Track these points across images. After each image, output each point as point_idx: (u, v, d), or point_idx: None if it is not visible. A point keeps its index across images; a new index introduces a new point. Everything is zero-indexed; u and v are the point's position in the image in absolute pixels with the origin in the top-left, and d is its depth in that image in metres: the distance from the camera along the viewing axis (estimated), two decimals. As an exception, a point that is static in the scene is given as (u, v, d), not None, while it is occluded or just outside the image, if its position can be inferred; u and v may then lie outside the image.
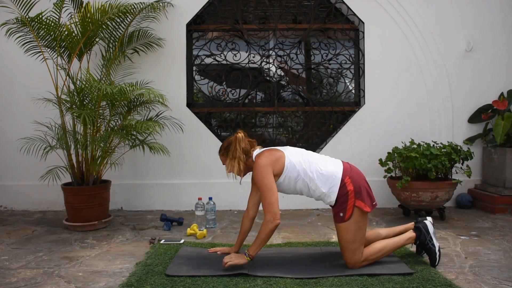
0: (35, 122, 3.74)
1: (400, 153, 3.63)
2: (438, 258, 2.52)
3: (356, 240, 2.42)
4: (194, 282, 2.28)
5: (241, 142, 2.51)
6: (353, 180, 2.45)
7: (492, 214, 3.83)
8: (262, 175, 2.38)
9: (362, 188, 2.45)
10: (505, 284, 2.28)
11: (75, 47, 3.50)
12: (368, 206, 2.44)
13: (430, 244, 2.53)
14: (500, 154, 3.97)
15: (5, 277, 2.41)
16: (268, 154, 2.46)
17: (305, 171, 2.44)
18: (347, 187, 2.42)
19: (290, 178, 2.46)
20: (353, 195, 2.42)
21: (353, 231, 2.41)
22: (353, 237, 2.42)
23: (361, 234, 2.44)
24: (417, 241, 2.58)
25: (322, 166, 2.46)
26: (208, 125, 4.29)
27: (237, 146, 2.50)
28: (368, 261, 2.49)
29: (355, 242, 2.42)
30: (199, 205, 3.40)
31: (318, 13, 4.31)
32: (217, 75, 4.34)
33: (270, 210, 2.37)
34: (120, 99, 3.38)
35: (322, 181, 2.44)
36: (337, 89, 4.41)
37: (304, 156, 2.50)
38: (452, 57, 4.20)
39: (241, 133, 2.55)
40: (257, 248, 2.39)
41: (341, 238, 2.46)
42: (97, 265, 2.61)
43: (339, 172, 2.45)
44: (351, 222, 2.41)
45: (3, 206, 4.15)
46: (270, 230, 2.37)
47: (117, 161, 3.75)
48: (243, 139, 2.53)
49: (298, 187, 2.49)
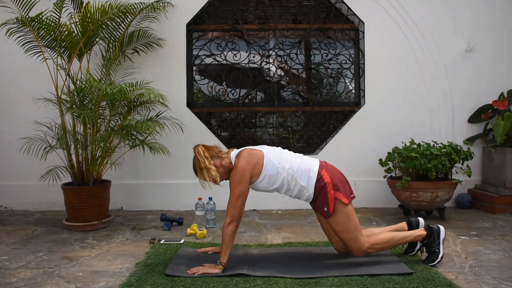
0: (35, 122, 3.74)
1: (400, 153, 3.63)
2: (436, 262, 2.53)
3: (350, 229, 2.48)
4: (194, 282, 2.28)
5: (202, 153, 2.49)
6: (329, 173, 2.50)
7: (492, 214, 3.83)
8: (239, 179, 2.41)
9: (338, 181, 2.50)
10: (505, 284, 2.28)
11: (75, 47, 3.50)
12: (347, 198, 2.49)
13: (436, 248, 2.55)
14: (500, 154, 3.97)
15: (5, 277, 2.41)
16: (248, 155, 2.47)
17: (284, 167, 2.48)
18: (324, 180, 2.47)
19: (270, 177, 2.48)
20: (331, 187, 2.46)
21: (344, 222, 2.47)
22: (346, 227, 2.47)
23: (352, 222, 2.48)
24: (425, 240, 2.58)
25: (299, 161, 2.52)
26: (208, 125, 4.29)
27: (199, 157, 2.49)
28: (374, 249, 2.54)
29: (349, 231, 2.48)
30: (199, 205, 3.40)
31: (318, 13, 4.31)
32: (217, 75, 4.34)
33: (231, 214, 2.40)
34: (120, 99, 3.38)
35: (300, 175, 2.49)
36: (337, 89, 4.41)
37: (282, 153, 2.55)
38: (452, 57, 4.20)
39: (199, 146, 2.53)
40: (225, 254, 2.41)
41: (336, 232, 2.53)
42: (97, 265, 2.61)
43: (316, 165, 2.52)
44: (338, 214, 2.46)
45: (3, 206, 4.15)
46: (231, 232, 2.39)
47: (117, 161, 3.75)
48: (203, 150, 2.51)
49: (277, 184, 2.51)
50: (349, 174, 4.09)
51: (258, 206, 4.15)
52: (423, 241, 2.60)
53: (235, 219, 2.40)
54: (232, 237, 2.41)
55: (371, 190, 4.16)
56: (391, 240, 2.56)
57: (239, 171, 2.42)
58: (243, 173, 2.41)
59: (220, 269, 2.40)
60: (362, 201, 4.16)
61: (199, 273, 2.38)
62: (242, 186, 2.41)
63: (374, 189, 4.16)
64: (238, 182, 2.41)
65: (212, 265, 2.44)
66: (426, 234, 2.58)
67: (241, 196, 2.41)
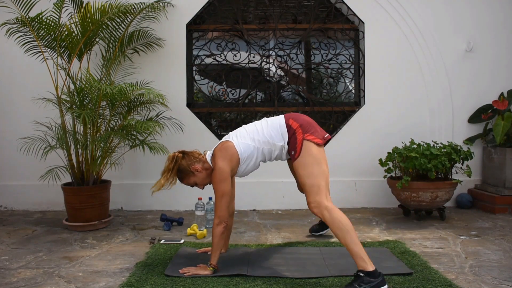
0: (35, 122, 3.74)
1: (400, 153, 3.63)
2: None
3: (315, 174, 2.32)
4: (194, 282, 2.28)
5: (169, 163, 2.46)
6: (296, 119, 2.46)
7: (492, 214, 3.83)
8: (220, 179, 2.39)
9: (307, 124, 2.45)
10: (505, 284, 2.28)
11: (75, 47, 3.50)
12: (319, 139, 2.41)
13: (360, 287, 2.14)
14: (500, 154, 3.97)
15: (5, 277, 2.41)
16: (220, 152, 2.44)
17: (257, 140, 2.46)
18: (293, 127, 2.43)
19: (249, 157, 2.47)
20: (300, 131, 2.41)
21: (309, 165, 2.35)
22: (310, 171, 2.34)
23: (319, 169, 2.34)
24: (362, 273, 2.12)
25: (266, 125, 2.49)
26: (208, 125, 4.29)
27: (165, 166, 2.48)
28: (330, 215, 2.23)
29: (314, 176, 2.32)
30: (199, 205, 3.40)
31: (318, 13, 4.31)
32: (217, 75, 4.34)
33: (218, 214, 2.39)
34: (120, 99, 3.38)
35: (274, 136, 2.46)
36: (337, 89, 4.41)
37: (247, 128, 2.52)
38: (452, 57, 4.20)
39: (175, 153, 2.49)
40: (215, 256, 2.40)
41: (299, 177, 2.40)
42: (97, 265, 2.61)
43: (282, 119, 2.49)
44: (305, 156, 2.36)
45: (3, 206, 4.15)
46: (219, 233, 2.38)
47: (117, 161, 3.75)
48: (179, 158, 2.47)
49: (259, 157, 2.50)
50: (349, 174, 4.17)
51: (258, 206, 4.15)
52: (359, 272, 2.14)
53: (223, 219, 2.38)
54: (222, 238, 2.40)
55: (371, 190, 4.16)
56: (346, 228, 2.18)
57: (217, 171, 2.39)
58: (222, 172, 2.39)
59: (210, 270, 2.39)
60: (362, 201, 4.16)
61: (189, 273, 2.38)
62: (224, 185, 2.39)
63: (374, 189, 4.16)
64: (219, 182, 2.39)
65: (203, 266, 2.44)
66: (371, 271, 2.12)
67: (225, 195, 2.39)
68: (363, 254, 2.15)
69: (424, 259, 2.63)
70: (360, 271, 2.13)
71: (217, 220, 2.38)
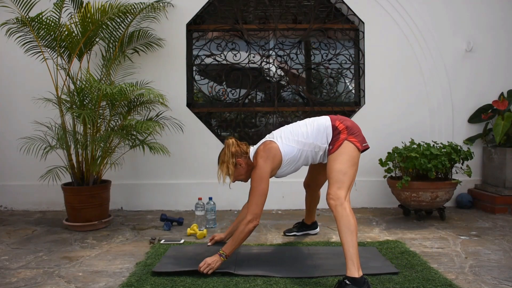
0: (35, 122, 3.74)
1: (400, 153, 3.63)
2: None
3: (343, 171, 2.32)
4: (194, 282, 2.28)
5: (231, 147, 2.53)
6: (343, 121, 2.49)
7: (492, 214, 3.83)
8: (261, 178, 2.42)
9: (353, 127, 2.48)
10: (505, 284, 2.28)
11: (75, 47, 3.50)
12: (360, 144, 2.44)
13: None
14: (500, 154, 3.97)
15: (5, 277, 2.41)
16: (264, 152, 2.48)
17: (301, 142, 2.49)
18: (339, 128, 2.46)
19: (292, 160, 2.51)
20: (346, 132, 2.44)
21: (343, 161, 2.35)
22: (342, 167, 2.33)
23: (350, 169, 2.35)
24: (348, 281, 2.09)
25: (312, 126, 2.51)
26: (208, 125, 4.29)
27: (226, 151, 2.53)
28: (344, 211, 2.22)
29: (342, 172, 2.32)
30: (199, 205, 3.40)
31: (318, 13, 4.31)
32: (217, 75, 4.34)
33: (253, 211, 2.40)
34: (120, 99, 3.38)
35: (320, 139, 2.48)
36: (337, 89, 4.41)
37: (292, 129, 2.54)
38: (452, 57, 4.20)
39: (231, 139, 2.57)
40: (233, 247, 2.42)
41: (328, 169, 2.38)
42: (97, 265, 2.61)
43: (328, 121, 2.50)
44: (341, 151, 2.38)
45: (3, 206, 4.15)
46: (249, 231, 2.41)
47: (117, 161, 3.75)
48: (233, 144, 2.54)
49: (302, 161, 2.54)
50: (349, 174, 4.16)
51: (258, 206, 4.15)
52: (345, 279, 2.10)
53: (256, 217, 2.40)
54: (247, 235, 2.43)
55: (371, 190, 4.16)
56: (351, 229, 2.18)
57: (259, 169, 2.43)
58: (264, 171, 2.43)
59: (221, 260, 2.40)
60: (362, 201, 4.16)
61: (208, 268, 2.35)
62: (263, 184, 2.42)
63: (374, 189, 4.16)
64: (260, 180, 2.42)
65: (215, 258, 2.39)
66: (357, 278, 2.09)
67: (264, 194, 2.43)
68: (356, 259, 2.13)
69: (424, 259, 2.63)
70: (347, 278, 2.09)
71: (251, 216, 2.39)
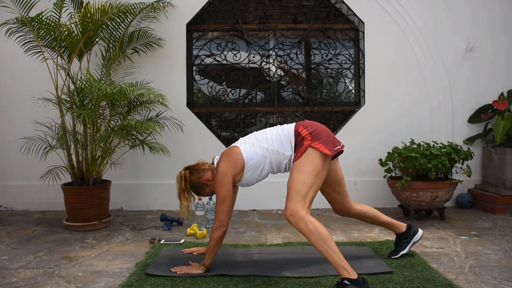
0: (35, 122, 3.74)
1: (400, 153, 3.63)
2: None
3: (304, 182, 2.19)
4: (194, 282, 2.28)
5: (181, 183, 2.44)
6: (307, 126, 2.34)
7: (492, 214, 3.83)
8: (221, 183, 2.35)
9: (318, 132, 2.31)
10: (505, 284, 2.28)
11: (75, 47, 3.50)
12: (328, 149, 2.25)
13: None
14: (500, 154, 3.97)
15: (5, 277, 2.41)
16: (225, 157, 2.41)
17: (266, 149, 2.38)
18: (302, 134, 2.32)
19: (255, 166, 2.39)
20: (309, 137, 2.28)
21: (304, 171, 2.21)
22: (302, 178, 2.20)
23: (312, 180, 2.20)
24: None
25: (277, 134, 2.40)
26: (208, 125, 4.29)
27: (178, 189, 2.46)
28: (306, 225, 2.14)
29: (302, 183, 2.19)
30: (199, 205, 3.40)
31: (318, 13, 4.31)
32: (217, 75, 4.34)
33: (218, 218, 2.37)
34: (120, 99, 3.38)
35: (285, 146, 2.36)
36: (337, 89, 4.41)
37: (258, 136, 2.45)
38: (452, 57, 4.20)
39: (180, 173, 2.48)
40: (210, 257, 2.40)
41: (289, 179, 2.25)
42: (97, 265, 2.61)
43: (292, 127, 2.40)
44: (303, 161, 2.23)
45: (3, 206, 4.15)
46: (218, 237, 2.37)
47: (117, 161, 3.75)
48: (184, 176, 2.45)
49: (266, 168, 2.42)
50: (349, 174, 4.14)
51: (258, 206, 4.15)
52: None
53: (223, 224, 2.36)
54: (219, 242, 2.39)
55: (371, 190, 4.16)
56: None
57: (219, 174, 2.36)
58: (224, 176, 2.35)
59: (202, 270, 2.39)
60: (362, 201, 4.11)
61: (181, 272, 2.39)
62: (225, 189, 2.35)
63: (374, 189, 4.16)
64: (220, 185, 2.35)
65: (196, 265, 2.44)
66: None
67: (226, 199, 2.35)
68: (344, 263, 2.07)
69: (424, 259, 2.63)
70: (346, 279, 2.05)
71: (217, 224, 2.37)
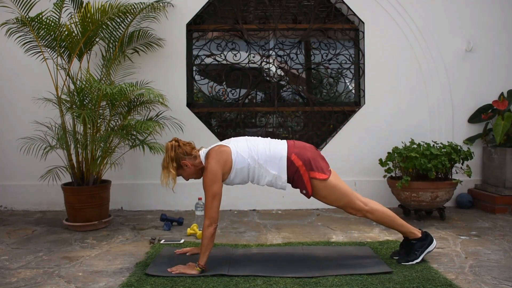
0: (35, 122, 3.74)
1: (400, 153, 3.63)
2: (408, 263, 2.54)
3: (339, 197, 2.50)
4: (194, 282, 2.28)
5: (170, 152, 2.49)
6: (299, 155, 2.47)
7: (492, 214, 3.83)
8: (211, 180, 2.40)
9: (311, 160, 2.47)
10: (505, 284, 2.28)
11: (75, 47, 3.50)
12: (324, 174, 2.47)
13: (418, 253, 2.57)
14: (500, 154, 3.97)
15: (5, 277, 2.41)
16: (216, 155, 2.45)
17: (253, 158, 2.46)
18: (295, 164, 2.46)
19: (241, 170, 2.47)
20: (304, 169, 2.45)
21: (330, 194, 2.49)
22: (334, 198, 2.51)
23: (339, 190, 2.49)
24: (415, 241, 2.57)
25: (267, 149, 2.49)
26: (208, 125, 4.29)
27: (166, 156, 2.50)
28: (374, 215, 2.53)
29: (339, 199, 2.50)
30: (199, 205, 3.40)
31: (318, 13, 4.31)
32: (217, 75, 4.34)
33: (209, 215, 2.38)
34: (120, 99, 3.38)
35: (270, 164, 2.46)
36: (337, 89, 4.41)
37: (249, 143, 2.51)
38: (452, 57, 4.20)
39: (170, 142, 2.52)
40: (204, 256, 2.40)
41: (329, 204, 2.57)
42: (97, 265, 2.61)
43: (284, 150, 2.48)
44: (319, 190, 2.49)
45: (3, 206, 4.15)
46: (210, 235, 2.37)
47: (117, 161, 3.75)
48: (174, 147, 2.49)
49: (249, 175, 2.51)
50: (349, 174, 4.15)
51: (258, 206, 4.15)
52: (412, 240, 2.59)
53: (214, 221, 2.38)
54: (211, 240, 2.40)
55: (371, 190, 4.15)
56: (391, 218, 2.57)
57: (210, 172, 2.40)
58: (214, 174, 2.40)
59: (198, 270, 2.39)
60: (362, 201, 4.15)
61: (176, 272, 2.39)
62: (215, 186, 2.39)
63: (374, 189, 4.15)
64: (211, 183, 2.39)
65: (192, 265, 2.43)
66: (420, 236, 2.59)
67: (216, 196, 2.40)
68: (410, 227, 2.58)
69: (424, 258, 2.63)
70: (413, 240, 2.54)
71: (208, 221, 2.38)
